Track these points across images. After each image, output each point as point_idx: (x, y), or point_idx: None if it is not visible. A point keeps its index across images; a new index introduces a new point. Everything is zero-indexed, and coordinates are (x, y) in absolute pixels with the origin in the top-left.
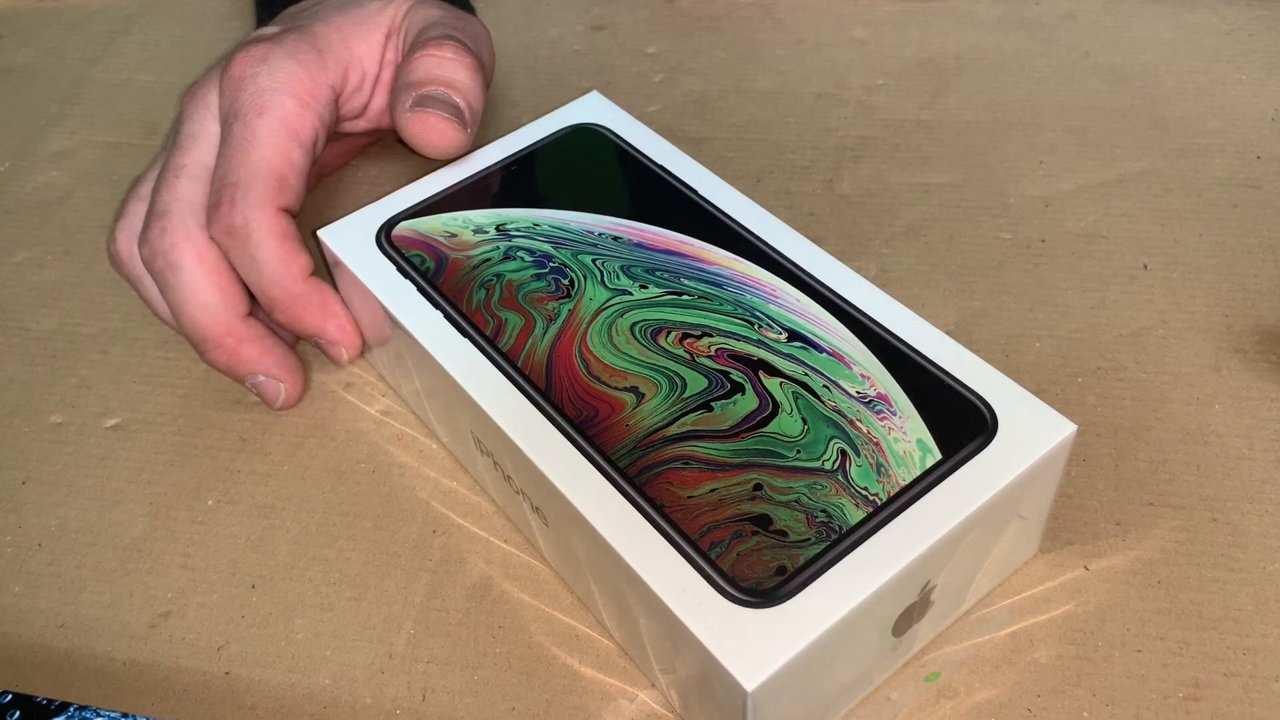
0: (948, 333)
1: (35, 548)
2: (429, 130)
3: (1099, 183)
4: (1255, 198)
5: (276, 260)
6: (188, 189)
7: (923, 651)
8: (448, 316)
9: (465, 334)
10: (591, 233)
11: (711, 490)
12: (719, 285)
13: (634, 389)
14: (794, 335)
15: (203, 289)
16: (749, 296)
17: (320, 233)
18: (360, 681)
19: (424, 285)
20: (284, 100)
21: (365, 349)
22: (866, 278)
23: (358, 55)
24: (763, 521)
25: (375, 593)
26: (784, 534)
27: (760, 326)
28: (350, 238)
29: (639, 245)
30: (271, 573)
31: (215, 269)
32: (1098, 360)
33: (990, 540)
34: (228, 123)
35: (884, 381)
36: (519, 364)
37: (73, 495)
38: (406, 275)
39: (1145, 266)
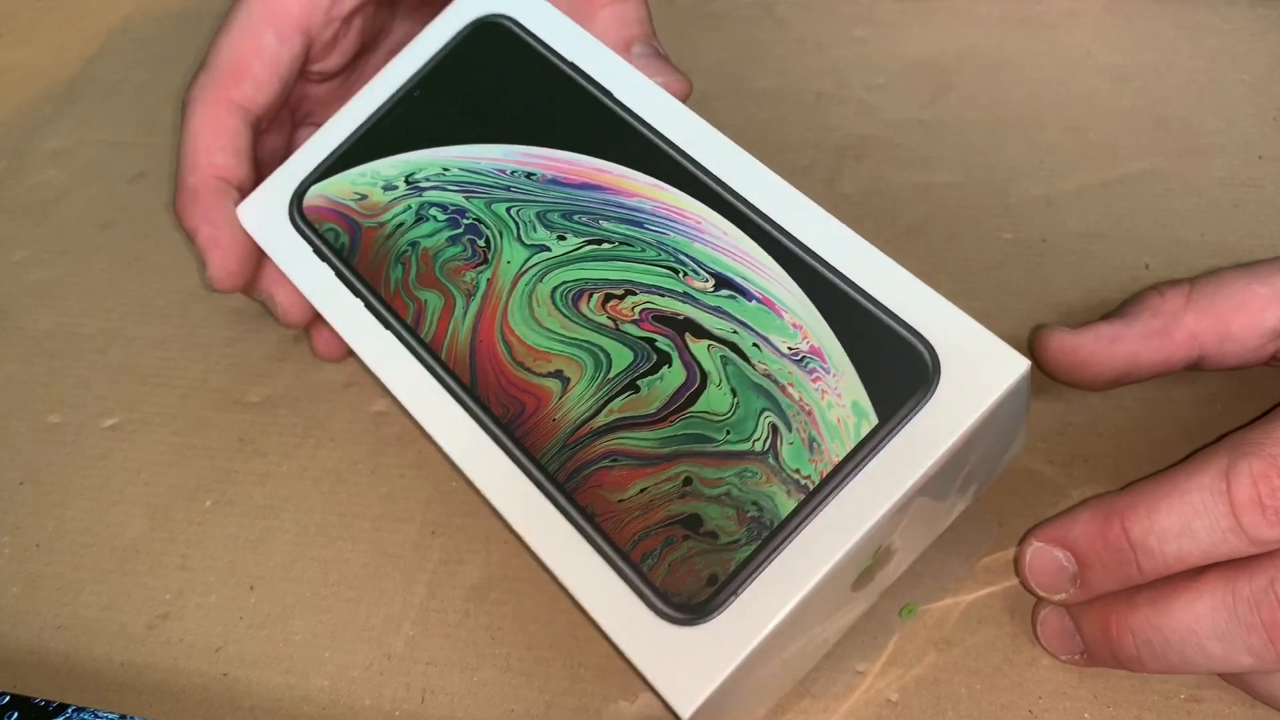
0: None
1: (33, 548)
2: None
3: (1100, 182)
4: (1257, 197)
5: (193, 143)
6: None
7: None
8: (368, 305)
9: (388, 324)
10: (504, 172)
11: (641, 490)
12: (640, 225)
13: (558, 373)
14: (721, 282)
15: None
16: (672, 235)
17: (238, 210)
18: (359, 683)
19: (341, 268)
20: None
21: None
22: None
23: None
24: (693, 523)
25: (374, 594)
26: (715, 535)
27: (685, 274)
28: (266, 215)
29: (554, 182)
30: (270, 574)
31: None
32: None
33: (949, 490)
34: None
35: (817, 330)
36: (442, 357)
37: (71, 496)
38: (323, 258)
39: (1147, 266)
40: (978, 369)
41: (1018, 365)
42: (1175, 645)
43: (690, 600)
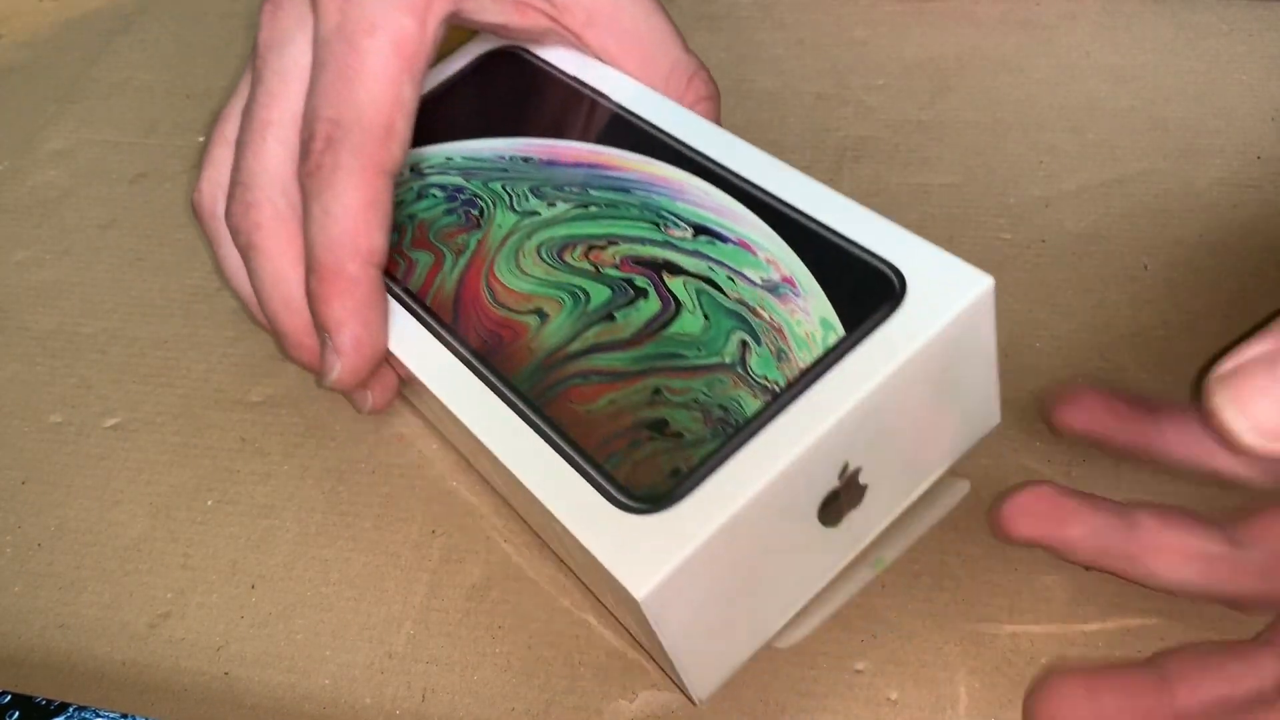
0: None
1: (35, 548)
2: None
3: (1099, 183)
4: (1255, 198)
5: (348, 221)
6: (276, 155)
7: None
8: None
9: None
10: (502, 158)
11: (610, 401)
12: (626, 190)
13: (538, 310)
14: (700, 230)
15: (287, 281)
16: (656, 197)
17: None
18: (360, 682)
19: None
20: (400, 18)
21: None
22: None
23: None
24: (659, 425)
25: (375, 593)
26: (680, 435)
27: (666, 226)
28: None
29: (549, 163)
30: (271, 573)
31: (302, 258)
32: (1098, 360)
33: (920, 414)
34: (327, 40)
35: (790, 264)
36: (427, 302)
37: (72, 495)
38: None
39: (1145, 266)
40: (943, 287)
41: (981, 281)
42: None
43: (652, 492)
